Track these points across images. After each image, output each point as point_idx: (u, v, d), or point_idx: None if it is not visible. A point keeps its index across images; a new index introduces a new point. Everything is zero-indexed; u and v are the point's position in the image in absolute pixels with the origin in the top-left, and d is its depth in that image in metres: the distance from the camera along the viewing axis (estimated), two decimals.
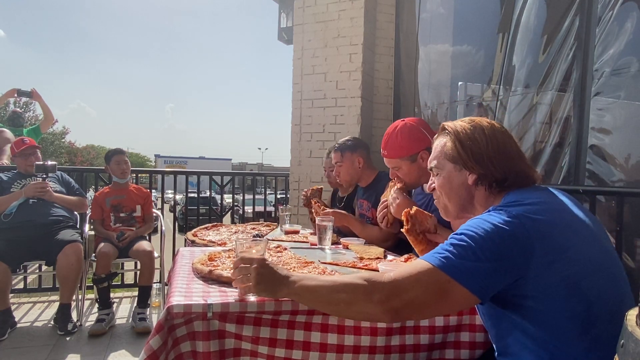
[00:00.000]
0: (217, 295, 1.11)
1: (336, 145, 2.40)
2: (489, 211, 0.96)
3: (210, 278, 1.26)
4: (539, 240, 0.88)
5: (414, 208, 1.37)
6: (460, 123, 1.11)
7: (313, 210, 2.26)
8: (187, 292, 1.14)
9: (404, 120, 1.79)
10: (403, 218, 1.33)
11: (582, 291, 0.88)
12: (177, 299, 1.06)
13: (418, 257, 1.52)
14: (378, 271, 1.37)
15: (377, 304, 0.89)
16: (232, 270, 1.08)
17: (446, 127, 1.14)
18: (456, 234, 0.93)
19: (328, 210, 2.17)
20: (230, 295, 1.12)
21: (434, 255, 0.91)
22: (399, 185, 1.76)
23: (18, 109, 4.84)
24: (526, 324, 0.91)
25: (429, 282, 0.88)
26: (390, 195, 1.71)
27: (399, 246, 2.04)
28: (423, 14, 3.19)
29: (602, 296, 0.89)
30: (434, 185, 1.17)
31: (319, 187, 2.59)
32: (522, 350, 0.92)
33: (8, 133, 3.93)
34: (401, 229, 1.87)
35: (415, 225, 1.33)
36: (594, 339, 0.87)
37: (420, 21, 3.20)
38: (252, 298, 1.08)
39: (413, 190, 1.92)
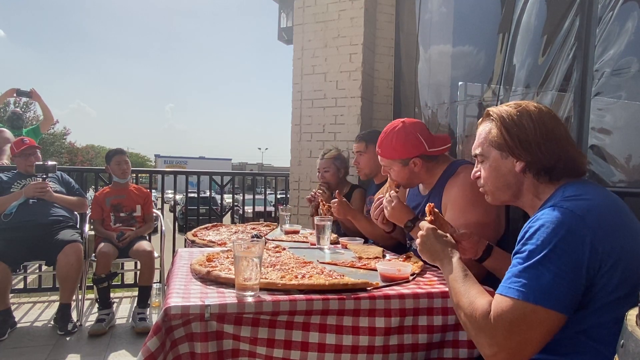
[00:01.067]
0: (215, 296, 1.11)
1: (361, 134, 2.37)
2: (543, 210, 0.92)
3: (208, 279, 1.26)
4: (603, 239, 0.86)
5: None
6: (506, 108, 1.07)
7: (320, 210, 2.26)
8: (185, 293, 1.13)
9: (403, 121, 1.76)
10: (427, 210, 1.30)
11: (634, 293, 0.86)
12: (175, 300, 1.06)
13: (418, 257, 1.52)
14: (376, 270, 1.37)
15: (486, 348, 0.89)
16: (242, 267, 1.10)
17: (491, 112, 1.10)
18: (521, 252, 0.89)
19: (338, 198, 2.16)
20: (228, 296, 1.11)
21: (509, 286, 0.88)
22: (394, 185, 1.75)
23: (18, 109, 4.82)
24: (575, 323, 0.89)
25: (518, 318, 0.85)
26: (386, 198, 1.70)
27: (399, 246, 2.04)
28: (423, 14, 3.19)
29: None
30: (478, 173, 1.14)
31: (321, 186, 2.60)
32: (561, 346, 0.92)
33: (8, 133, 3.93)
34: (394, 229, 1.88)
35: (435, 223, 1.29)
36: None
37: (421, 21, 3.20)
38: (249, 299, 1.08)
39: (408, 190, 1.92)
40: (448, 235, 1.19)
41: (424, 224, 1.19)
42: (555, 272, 0.84)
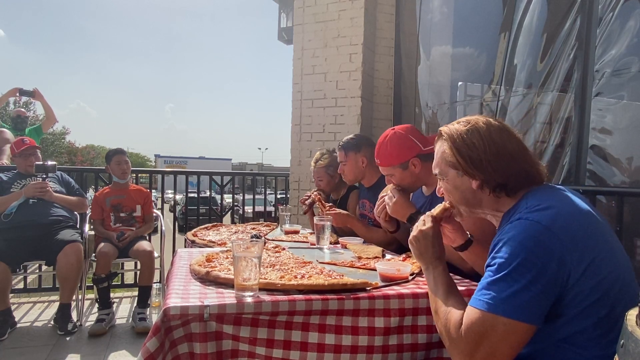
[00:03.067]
0: (214, 297, 1.10)
1: (340, 142, 2.37)
2: (510, 222, 0.93)
3: (207, 279, 1.26)
4: (571, 247, 0.87)
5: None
6: (456, 127, 1.08)
7: (318, 208, 2.26)
8: (184, 293, 1.13)
9: (394, 129, 1.82)
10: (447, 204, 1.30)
11: (608, 297, 0.87)
12: (174, 300, 1.06)
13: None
14: (376, 270, 1.37)
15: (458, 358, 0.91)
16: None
17: (442, 132, 1.12)
18: (490, 266, 0.91)
19: (333, 211, 2.17)
20: (227, 296, 1.11)
21: (479, 299, 0.89)
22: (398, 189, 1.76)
23: (23, 110, 4.82)
24: (555, 332, 0.90)
25: (487, 330, 0.86)
26: (387, 194, 1.71)
27: (401, 247, 2.04)
28: (424, 14, 3.19)
29: (621, 300, 0.88)
30: (442, 190, 1.16)
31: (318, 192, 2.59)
32: (541, 354, 0.92)
33: (8, 133, 3.93)
34: (397, 229, 1.88)
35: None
36: (609, 343, 0.87)
37: (421, 22, 3.20)
38: (248, 299, 1.08)
39: (412, 194, 1.92)
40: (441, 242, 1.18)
41: (429, 219, 1.16)
42: (524, 284, 0.85)
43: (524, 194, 1.02)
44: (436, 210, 1.20)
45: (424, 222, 1.16)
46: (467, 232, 1.30)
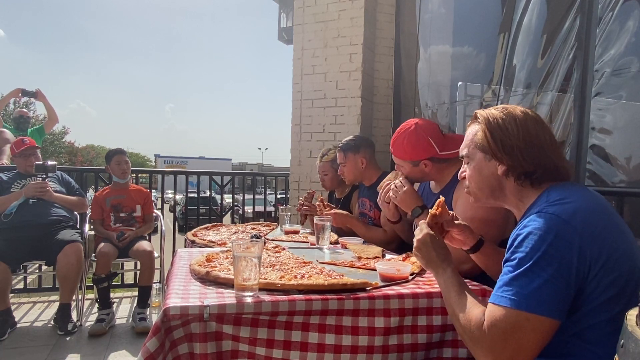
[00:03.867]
0: (214, 297, 1.10)
1: (340, 144, 2.39)
2: (529, 216, 0.93)
3: (207, 279, 1.26)
4: (591, 241, 0.87)
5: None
6: (493, 111, 1.09)
7: (318, 210, 2.26)
8: (184, 293, 1.13)
9: (416, 123, 1.77)
10: (436, 205, 1.30)
11: (624, 292, 0.87)
12: (174, 300, 1.06)
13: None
14: (376, 270, 1.37)
15: (482, 358, 0.90)
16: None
17: (478, 115, 1.12)
18: (510, 260, 0.90)
19: (331, 211, 2.17)
20: (227, 296, 1.11)
21: (501, 295, 0.88)
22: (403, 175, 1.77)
23: (25, 110, 4.82)
24: (569, 327, 0.90)
25: (511, 327, 0.85)
26: (397, 183, 1.71)
27: (399, 246, 2.04)
28: (423, 14, 3.19)
29: (634, 296, 0.88)
30: (464, 173, 1.16)
31: (311, 191, 2.60)
32: (556, 350, 0.92)
33: (8, 133, 3.94)
34: (399, 220, 1.89)
35: (440, 217, 1.29)
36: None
37: (421, 21, 3.20)
38: (248, 299, 1.08)
39: (420, 187, 1.93)
40: (445, 243, 1.20)
41: (423, 227, 1.18)
42: (546, 279, 0.84)
43: (546, 188, 1.01)
44: (433, 209, 1.21)
45: (420, 231, 1.17)
46: (477, 235, 1.29)
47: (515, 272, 0.88)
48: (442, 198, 1.27)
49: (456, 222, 1.29)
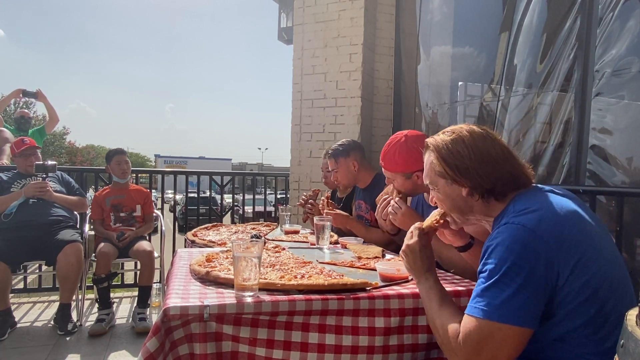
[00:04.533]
0: (214, 297, 1.10)
1: (329, 151, 2.39)
2: (498, 227, 0.95)
3: (207, 279, 1.26)
4: (557, 248, 0.88)
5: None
6: (441, 137, 1.11)
7: (320, 207, 2.27)
8: (184, 293, 1.13)
9: (406, 135, 1.77)
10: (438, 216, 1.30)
11: (597, 295, 0.88)
12: (174, 300, 1.05)
13: None
14: (376, 270, 1.37)
15: None
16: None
17: (429, 143, 1.15)
18: (482, 272, 0.92)
19: (333, 211, 2.17)
20: (227, 296, 1.11)
21: (474, 306, 0.90)
22: (396, 192, 1.75)
23: (26, 111, 4.82)
24: (549, 333, 0.91)
25: (485, 337, 0.87)
26: (392, 205, 1.70)
27: (398, 246, 2.04)
28: (424, 14, 3.19)
29: (611, 298, 0.89)
30: (435, 200, 1.18)
31: (316, 189, 2.60)
32: (536, 354, 0.93)
33: (7, 133, 3.94)
34: (398, 232, 1.88)
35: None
36: (601, 340, 0.88)
37: (421, 22, 3.19)
38: (248, 299, 1.08)
39: (415, 200, 1.92)
40: (432, 250, 1.19)
41: (416, 232, 1.18)
42: (515, 289, 0.86)
43: (512, 197, 1.03)
44: (426, 222, 1.21)
45: (411, 236, 1.18)
46: (469, 234, 1.31)
47: (486, 283, 0.90)
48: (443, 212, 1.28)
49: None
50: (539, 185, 1.08)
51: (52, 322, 2.82)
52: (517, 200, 1.01)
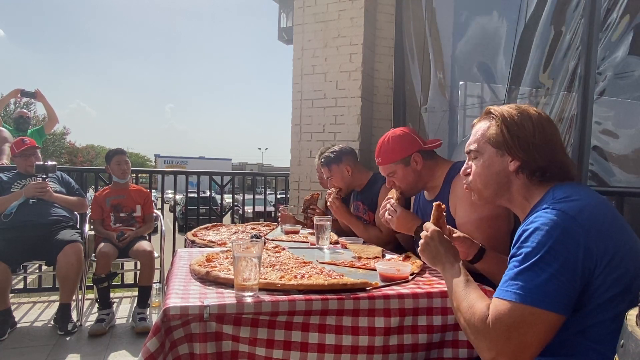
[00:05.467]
0: (214, 297, 1.10)
1: (321, 160, 2.40)
2: (536, 212, 0.94)
3: (207, 279, 1.26)
4: (597, 238, 0.87)
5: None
6: (507, 108, 1.09)
7: (327, 198, 2.29)
8: (184, 293, 1.13)
9: (392, 130, 1.84)
10: (434, 207, 1.27)
11: (630, 290, 0.87)
12: (174, 300, 1.06)
13: (417, 256, 1.52)
14: (376, 270, 1.37)
15: (486, 351, 0.89)
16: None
17: (492, 110, 1.11)
18: (516, 256, 0.90)
19: (336, 200, 2.20)
20: (227, 296, 1.11)
21: (506, 290, 0.88)
22: (396, 195, 1.74)
23: (25, 111, 4.82)
24: (573, 324, 0.90)
25: (516, 321, 0.85)
26: (388, 209, 1.69)
27: (398, 246, 2.04)
28: (428, 14, 3.18)
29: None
30: (469, 170, 1.15)
31: (315, 193, 2.60)
32: (560, 348, 0.92)
33: (6, 133, 3.94)
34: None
35: (439, 222, 1.29)
36: None
37: (427, 21, 3.19)
38: (248, 299, 1.08)
39: (412, 198, 1.91)
40: (451, 241, 1.19)
41: (429, 225, 1.19)
42: (552, 274, 0.84)
43: (551, 187, 1.02)
44: (432, 218, 1.22)
45: (425, 230, 1.18)
46: (478, 244, 1.30)
47: (520, 266, 0.88)
48: (438, 202, 1.27)
49: (454, 235, 1.30)
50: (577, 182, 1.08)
51: (52, 322, 2.82)
52: (556, 189, 1.00)
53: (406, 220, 1.63)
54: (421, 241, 1.17)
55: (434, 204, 1.28)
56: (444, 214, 1.28)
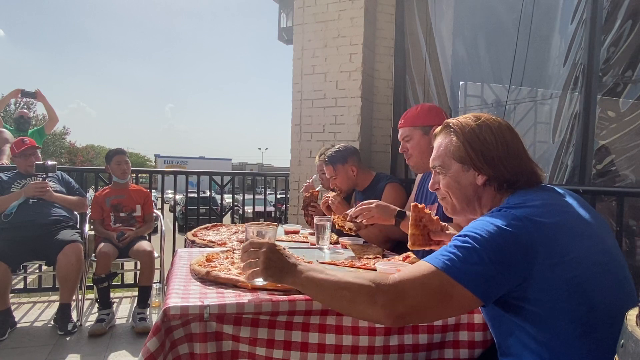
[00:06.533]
0: (215, 297, 1.10)
1: (326, 159, 2.40)
2: (492, 212, 0.94)
3: (207, 279, 1.26)
4: (542, 243, 0.87)
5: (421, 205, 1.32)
6: (466, 121, 1.06)
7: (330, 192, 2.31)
8: (184, 293, 1.13)
9: (425, 103, 1.91)
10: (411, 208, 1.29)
11: (585, 293, 0.87)
12: (174, 300, 1.05)
13: (417, 256, 1.53)
14: (376, 270, 1.37)
15: (380, 307, 0.87)
16: (240, 255, 1.06)
17: (451, 125, 1.08)
18: (460, 235, 0.91)
19: (336, 198, 2.19)
20: (228, 296, 1.11)
21: (437, 257, 0.89)
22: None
23: (25, 111, 4.82)
24: (527, 326, 0.90)
25: (433, 284, 0.86)
26: (363, 206, 1.66)
27: (398, 246, 2.04)
28: (428, 13, 3.18)
29: (605, 298, 0.88)
30: (437, 185, 1.13)
31: (315, 191, 2.60)
32: (524, 350, 0.91)
33: (7, 133, 3.93)
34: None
35: (422, 220, 1.28)
36: (596, 341, 0.86)
37: (431, 21, 3.18)
38: (259, 282, 1.07)
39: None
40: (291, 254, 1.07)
41: (257, 241, 1.06)
42: (481, 258, 0.85)
43: (512, 192, 1.02)
44: (410, 220, 1.25)
45: (252, 252, 1.04)
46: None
47: (456, 244, 0.88)
48: (415, 204, 1.27)
49: (447, 232, 1.29)
50: (546, 184, 1.06)
51: (52, 322, 2.82)
52: (516, 194, 1.00)
53: (384, 211, 1.61)
54: (259, 261, 1.01)
55: (411, 205, 1.29)
56: (427, 211, 1.28)
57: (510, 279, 0.87)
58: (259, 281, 1.06)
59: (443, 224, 1.29)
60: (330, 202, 2.27)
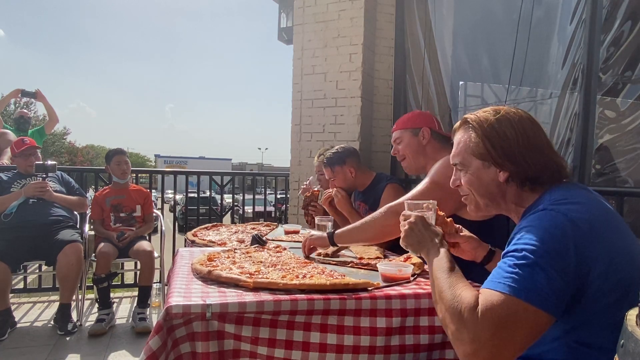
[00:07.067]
0: (216, 296, 1.11)
1: (324, 161, 2.40)
2: (534, 212, 0.91)
3: (209, 278, 1.26)
4: (595, 241, 0.84)
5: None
6: (485, 115, 1.02)
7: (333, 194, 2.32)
8: (186, 292, 1.13)
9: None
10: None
11: (628, 296, 0.84)
12: (176, 299, 1.06)
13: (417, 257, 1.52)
14: (377, 270, 1.37)
15: (466, 346, 0.83)
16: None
17: (469, 120, 1.04)
18: (514, 251, 0.87)
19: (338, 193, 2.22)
20: (229, 295, 1.11)
21: (500, 282, 0.83)
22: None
23: (25, 111, 4.82)
24: (576, 332, 0.88)
25: (506, 314, 0.80)
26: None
27: (398, 246, 2.05)
28: (433, 14, 3.18)
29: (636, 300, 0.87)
30: (458, 182, 1.10)
31: (315, 190, 2.60)
32: (557, 355, 0.90)
33: (11, 135, 3.93)
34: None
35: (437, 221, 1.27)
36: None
37: (431, 21, 3.19)
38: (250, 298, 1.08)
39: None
40: (437, 227, 1.14)
41: (410, 213, 1.14)
42: (547, 272, 0.82)
43: (547, 189, 0.98)
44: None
45: (404, 218, 1.15)
46: (487, 245, 1.26)
47: (516, 261, 0.85)
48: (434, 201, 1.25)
49: (462, 233, 1.26)
50: (573, 182, 1.04)
51: (52, 322, 2.82)
52: (553, 191, 0.96)
53: (318, 239, 1.65)
54: (405, 227, 1.11)
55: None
56: (441, 213, 1.27)
57: (573, 284, 0.84)
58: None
59: (457, 225, 1.27)
60: (334, 194, 2.27)
